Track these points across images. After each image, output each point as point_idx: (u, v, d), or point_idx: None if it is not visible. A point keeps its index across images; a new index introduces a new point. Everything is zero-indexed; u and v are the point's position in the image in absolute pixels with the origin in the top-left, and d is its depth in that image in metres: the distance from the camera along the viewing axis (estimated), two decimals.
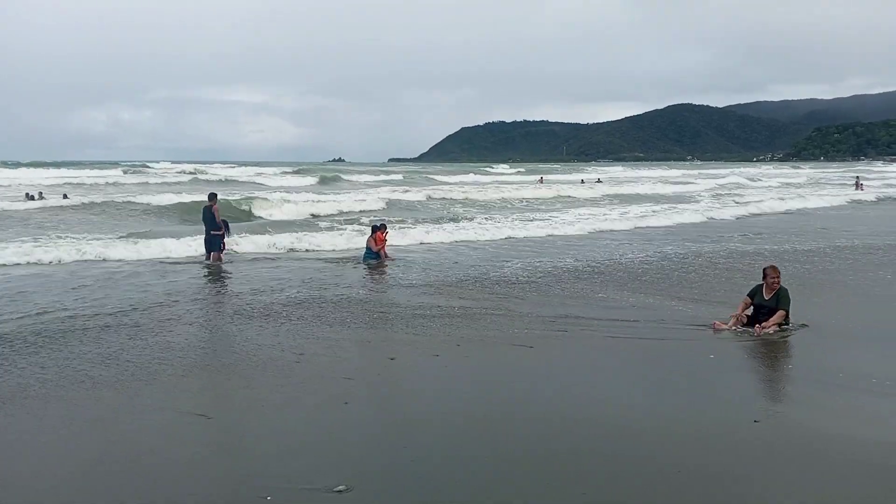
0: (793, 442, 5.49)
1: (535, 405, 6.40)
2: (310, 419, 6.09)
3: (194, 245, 16.51)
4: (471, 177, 70.35)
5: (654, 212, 29.29)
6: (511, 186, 48.06)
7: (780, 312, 8.89)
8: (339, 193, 38.58)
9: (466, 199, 36.48)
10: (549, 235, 20.98)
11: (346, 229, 21.83)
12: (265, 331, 9.11)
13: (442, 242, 19.19)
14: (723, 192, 45.80)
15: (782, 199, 36.27)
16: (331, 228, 22.38)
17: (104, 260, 15.51)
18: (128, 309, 10.29)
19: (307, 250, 17.61)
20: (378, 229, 15.26)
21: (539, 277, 13.18)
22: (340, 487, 4.72)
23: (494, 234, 20.49)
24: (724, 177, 69.25)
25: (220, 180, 55.72)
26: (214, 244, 15.35)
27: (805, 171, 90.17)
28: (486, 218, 26.30)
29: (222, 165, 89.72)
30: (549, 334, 8.91)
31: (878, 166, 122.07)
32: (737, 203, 34.18)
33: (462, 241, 19.51)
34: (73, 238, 19.16)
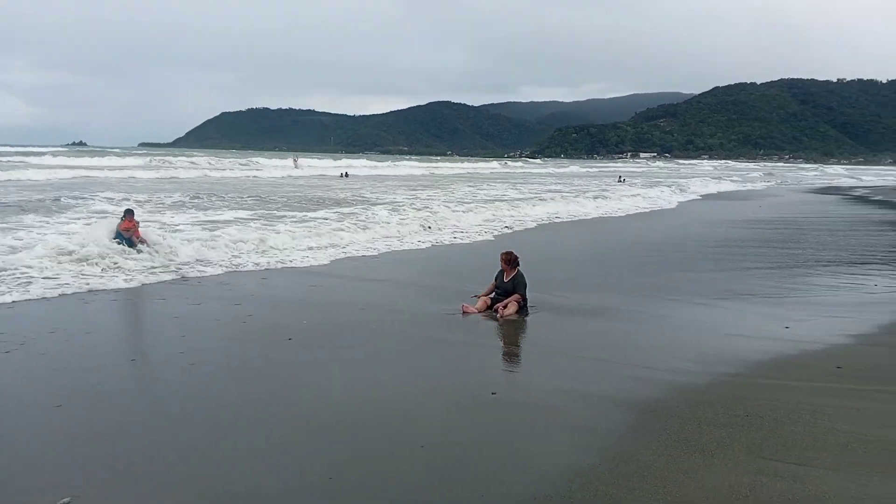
0: (523, 408, 6.09)
1: (282, 395, 6.39)
2: (28, 428, 5.48)
3: None
4: None
5: None
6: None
7: (516, 296, 9.75)
8: None
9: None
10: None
11: None
12: None
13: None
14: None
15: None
16: None
17: None
18: None
19: None
20: (126, 215, 14.37)
21: (289, 264, 13.09)
22: (65, 500, 4.32)
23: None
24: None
25: None
26: None
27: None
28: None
29: None
30: (304, 323, 8.91)
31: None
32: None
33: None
34: None
